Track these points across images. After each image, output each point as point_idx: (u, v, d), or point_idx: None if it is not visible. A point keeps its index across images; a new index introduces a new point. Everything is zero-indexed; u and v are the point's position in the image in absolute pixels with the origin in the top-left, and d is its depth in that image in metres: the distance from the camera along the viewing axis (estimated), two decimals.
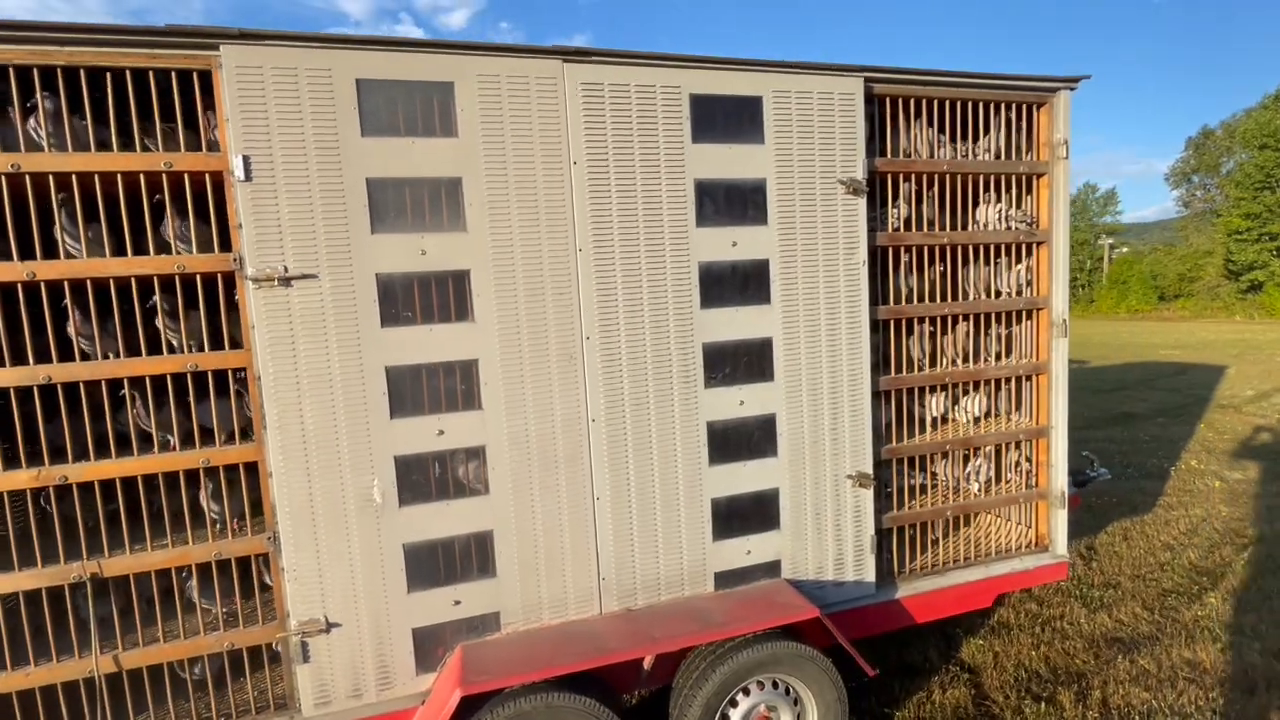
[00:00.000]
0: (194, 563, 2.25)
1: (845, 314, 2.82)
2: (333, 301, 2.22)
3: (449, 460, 2.39)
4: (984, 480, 3.34)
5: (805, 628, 2.64)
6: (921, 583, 3.10)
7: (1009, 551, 3.31)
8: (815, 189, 2.72)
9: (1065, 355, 3.23)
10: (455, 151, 2.29)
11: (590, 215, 2.44)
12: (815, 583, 2.89)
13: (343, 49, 2.16)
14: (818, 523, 2.87)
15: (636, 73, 2.45)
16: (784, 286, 2.72)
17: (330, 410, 2.24)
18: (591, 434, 2.52)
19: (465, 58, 2.28)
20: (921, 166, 2.96)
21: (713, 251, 2.61)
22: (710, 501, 2.70)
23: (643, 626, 2.50)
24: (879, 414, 3.11)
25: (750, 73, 2.59)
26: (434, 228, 2.30)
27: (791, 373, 2.76)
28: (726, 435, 2.70)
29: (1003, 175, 3.14)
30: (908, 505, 3.13)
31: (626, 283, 2.50)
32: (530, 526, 2.48)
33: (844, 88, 2.73)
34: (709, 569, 2.73)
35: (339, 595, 2.30)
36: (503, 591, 2.48)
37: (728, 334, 2.66)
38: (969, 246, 3.12)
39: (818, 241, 2.75)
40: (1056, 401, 3.26)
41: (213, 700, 2.32)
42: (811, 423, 2.81)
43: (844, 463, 2.88)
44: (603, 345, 2.50)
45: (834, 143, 2.73)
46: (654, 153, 2.49)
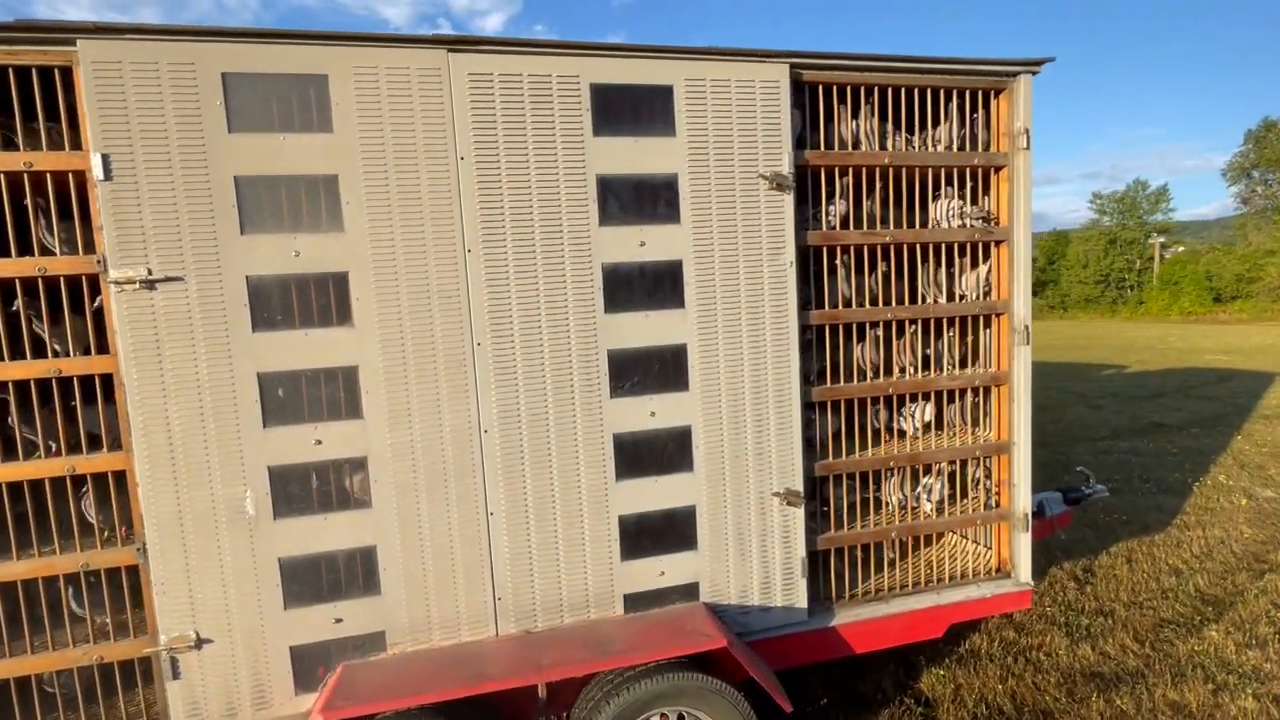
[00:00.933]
0: (61, 574, 2.19)
1: (770, 319, 2.61)
2: (200, 305, 2.13)
3: (328, 471, 2.28)
4: (937, 499, 3.08)
5: (720, 657, 2.45)
6: (863, 610, 2.87)
7: (965, 577, 3.05)
8: (735, 184, 2.53)
9: (1028, 364, 2.95)
10: (330, 148, 2.18)
11: (480, 214, 2.30)
12: (739, 608, 2.69)
13: (207, 42, 2.07)
14: (740, 543, 2.67)
15: (529, 62, 2.30)
16: (700, 289, 2.53)
17: (199, 418, 2.15)
18: (484, 445, 2.38)
19: (340, 49, 2.16)
20: (859, 159, 2.73)
21: (619, 252, 2.44)
22: (618, 519, 2.53)
23: (535, 651, 2.35)
24: (825, 426, 2.90)
25: (659, 60, 2.42)
26: (308, 228, 2.19)
27: (709, 382, 2.57)
28: (636, 448, 2.53)
29: (955, 168, 2.89)
30: (847, 525, 2.90)
31: (521, 285, 2.36)
32: (417, 542, 2.35)
33: (766, 75, 2.53)
34: (617, 591, 2.56)
35: (211, 610, 2.21)
36: (388, 610, 2.35)
37: (637, 340, 2.49)
38: (917, 246, 2.87)
39: (738, 241, 2.55)
40: (1018, 415, 2.98)
41: (82, 715, 2.26)
42: (732, 436, 2.61)
43: (770, 479, 2.67)
44: (495, 352, 2.35)
45: (756, 134, 2.53)
46: (550, 147, 2.34)
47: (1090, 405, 10.98)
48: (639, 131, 2.43)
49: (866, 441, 2.95)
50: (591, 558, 2.51)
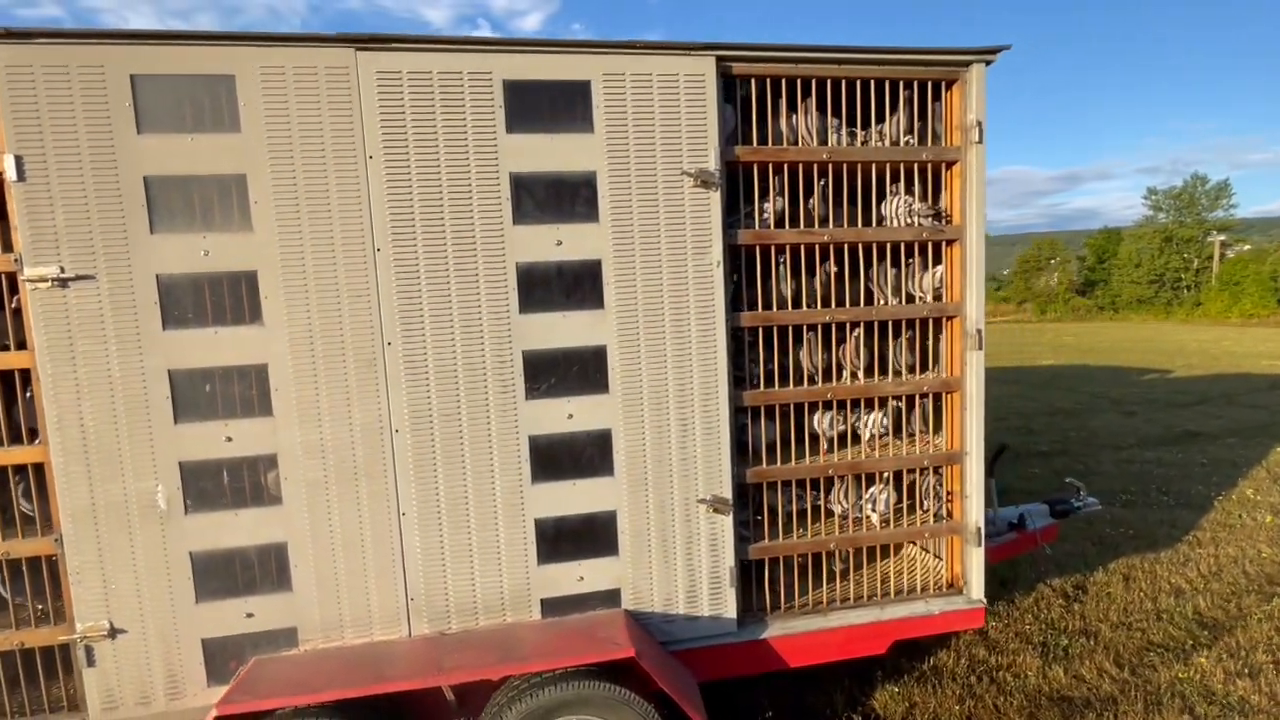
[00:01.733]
0: None
1: (695, 320, 2.54)
2: (111, 303, 2.17)
3: (239, 468, 2.31)
4: (883, 509, 2.95)
5: (634, 667, 2.39)
6: (798, 622, 2.77)
7: (913, 592, 2.91)
8: (657, 182, 2.46)
9: (980, 370, 2.79)
10: (238, 148, 2.20)
11: (389, 213, 2.29)
12: (664, 616, 2.63)
13: (115, 44, 2.11)
14: (664, 550, 2.60)
15: (439, 59, 2.28)
16: (620, 290, 2.47)
17: (111, 413, 2.20)
18: (395, 445, 2.37)
19: (247, 49, 2.18)
20: (795, 155, 2.63)
21: (534, 251, 2.40)
22: (534, 522, 2.49)
23: (442, 653, 2.34)
24: (761, 432, 2.80)
25: (575, 55, 2.37)
26: (218, 227, 2.22)
27: (631, 385, 2.51)
28: (553, 451, 2.49)
29: (903, 164, 2.75)
30: (782, 535, 2.80)
31: (432, 285, 2.34)
32: (328, 540, 2.36)
33: (691, 68, 2.45)
34: (534, 595, 2.52)
35: (124, 601, 2.27)
36: (299, 606, 2.37)
37: (553, 341, 2.44)
38: (860, 246, 2.74)
39: (660, 240, 2.48)
40: (970, 423, 2.83)
41: (5, 697, 2.34)
42: (655, 440, 2.55)
43: (695, 485, 2.60)
44: (405, 351, 2.34)
45: (680, 130, 2.46)
46: (462, 145, 2.31)
47: (1123, 411, 10.45)
48: (555, 128, 2.38)
49: (810, 449, 2.85)
50: (507, 561, 2.49)
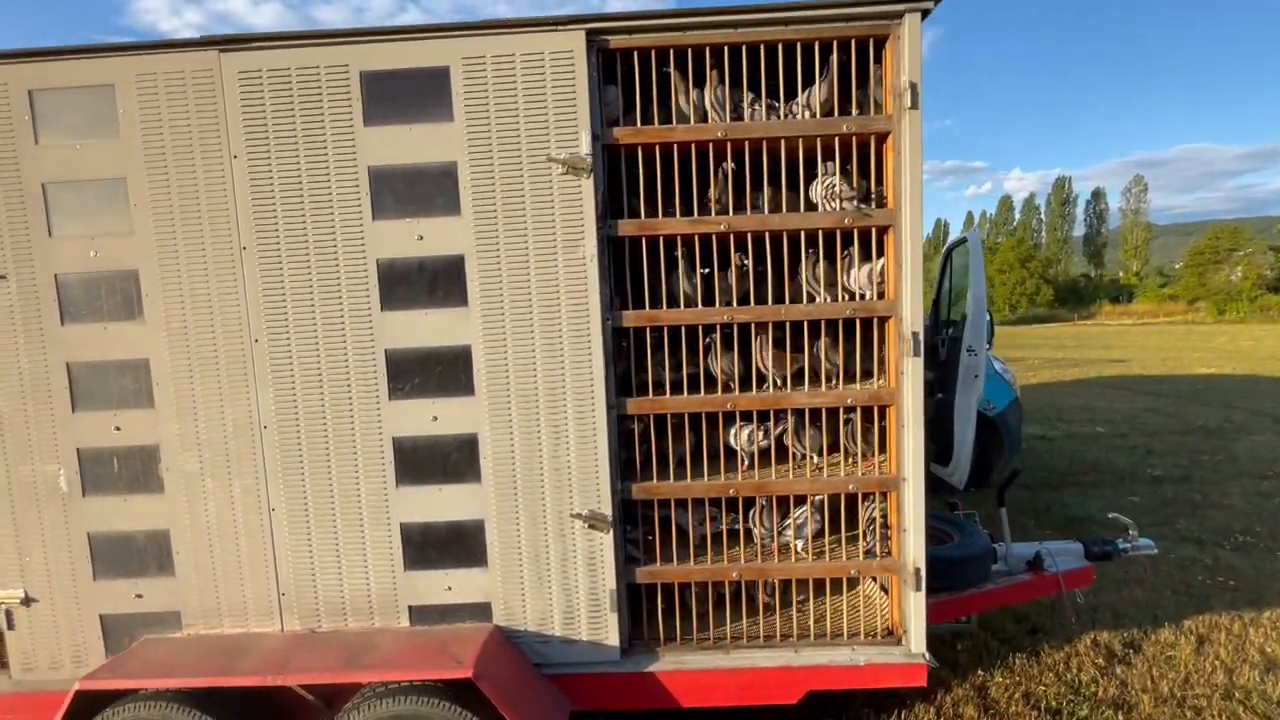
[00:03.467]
0: None
1: (567, 320, 2.34)
2: (19, 300, 2.38)
3: (128, 456, 2.44)
4: (810, 536, 2.57)
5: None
6: (693, 658, 2.48)
7: (839, 636, 2.51)
8: (523, 170, 2.29)
9: (919, 381, 2.34)
10: (118, 153, 2.32)
11: (253, 211, 2.31)
12: (539, 636, 2.46)
13: (15, 64, 2.29)
14: (537, 567, 2.43)
15: (296, 55, 2.26)
16: (484, 286, 2.33)
17: (20, 401, 2.41)
18: (264, 441, 2.40)
19: (123, 59, 2.28)
20: (684, 135, 2.34)
21: (395, 247, 2.33)
22: (400, 526, 2.42)
23: (296, 652, 2.33)
24: (650, 443, 2.55)
25: (433, 41, 2.26)
26: (103, 229, 2.35)
27: (497, 387, 2.36)
28: (417, 454, 2.40)
29: (819, 138, 2.36)
30: (677, 559, 2.52)
31: (294, 282, 2.34)
32: (204, 530, 2.44)
33: (558, 45, 2.25)
34: (401, 601, 2.45)
35: (36, 573, 2.48)
36: (182, 591, 2.47)
37: (416, 340, 2.36)
38: (767, 235, 2.39)
39: (528, 233, 2.31)
40: (908, 444, 2.38)
41: None
42: (525, 448, 2.38)
43: (569, 498, 2.40)
44: (271, 349, 2.36)
45: (546, 113, 2.27)
46: (320, 140, 2.29)
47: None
48: (413, 119, 2.28)
49: (719, 464, 2.54)
50: (373, 564, 2.44)
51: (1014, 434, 6.66)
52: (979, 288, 5.29)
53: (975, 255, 5.27)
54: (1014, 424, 6.67)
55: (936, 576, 3.09)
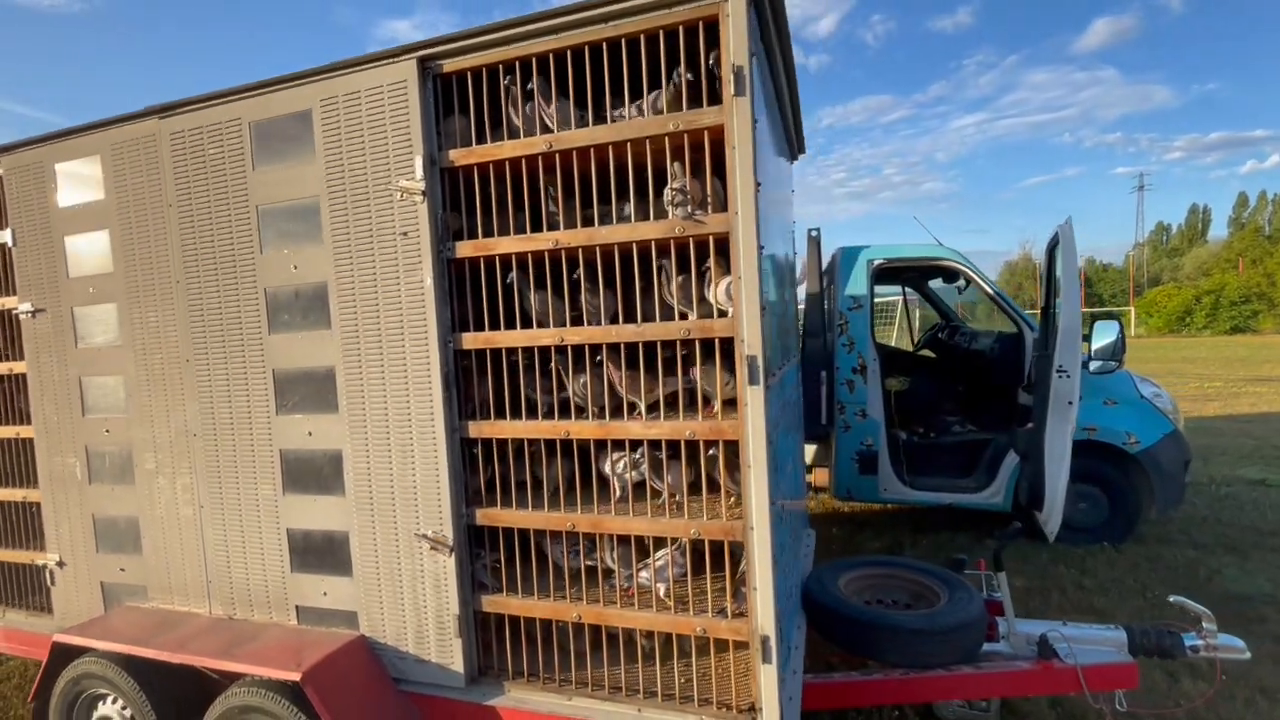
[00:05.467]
0: None
1: (410, 343, 2.38)
2: (54, 329, 3.04)
3: (113, 453, 2.98)
4: (672, 580, 2.29)
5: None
6: (535, 698, 2.35)
7: (689, 701, 2.19)
8: (369, 199, 2.40)
9: (762, 413, 1.97)
10: (106, 209, 2.86)
11: (182, 252, 2.71)
12: (396, 651, 2.51)
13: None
14: (392, 582, 2.49)
15: (211, 114, 2.61)
16: (343, 311, 2.47)
17: (55, 407, 3.07)
18: (193, 447, 2.78)
19: (97, 135, 2.83)
20: (511, 151, 2.25)
21: (276, 277, 2.57)
22: (287, 531, 2.64)
23: (199, 635, 2.65)
24: (494, 468, 2.48)
25: (298, 87, 2.46)
26: (100, 271, 2.92)
27: (355, 406, 2.48)
28: (299, 465, 2.61)
29: (648, 140, 2.12)
30: (522, 592, 2.40)
31: (210, 310, 2.69)
32: (158, 519, 2.89)
33: (392, 77, 2.32)
34: (290, 600, 2.67)
35: (65, 543, 3.13)
36: (147, 569, 2.95)
37: (295, 361, 2.57)
38: (596, 250, 2.20)
39: (375, 259, 2.41)
40: (753, 485, 2.02)
41: (20, 592, 3.42)
42: (379, 466, 2.47)
43: (416, 518, 2.43)
44: (196, 368, 2.74)
45: (387, 144, 2.35)
46: (223, 186, 2.61)
47: None
48: (287, 160, 2.51)
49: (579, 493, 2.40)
50: (267, 563, 2.69)
51: (1169, 475, 5.25)
52: (1072, 293, 4.32)
53: (1067, 253, 4.32)
54: (1169, 463, 5.26)
55: (891, 648, 2.59)
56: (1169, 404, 5.50)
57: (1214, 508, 6.29)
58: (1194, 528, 5.76)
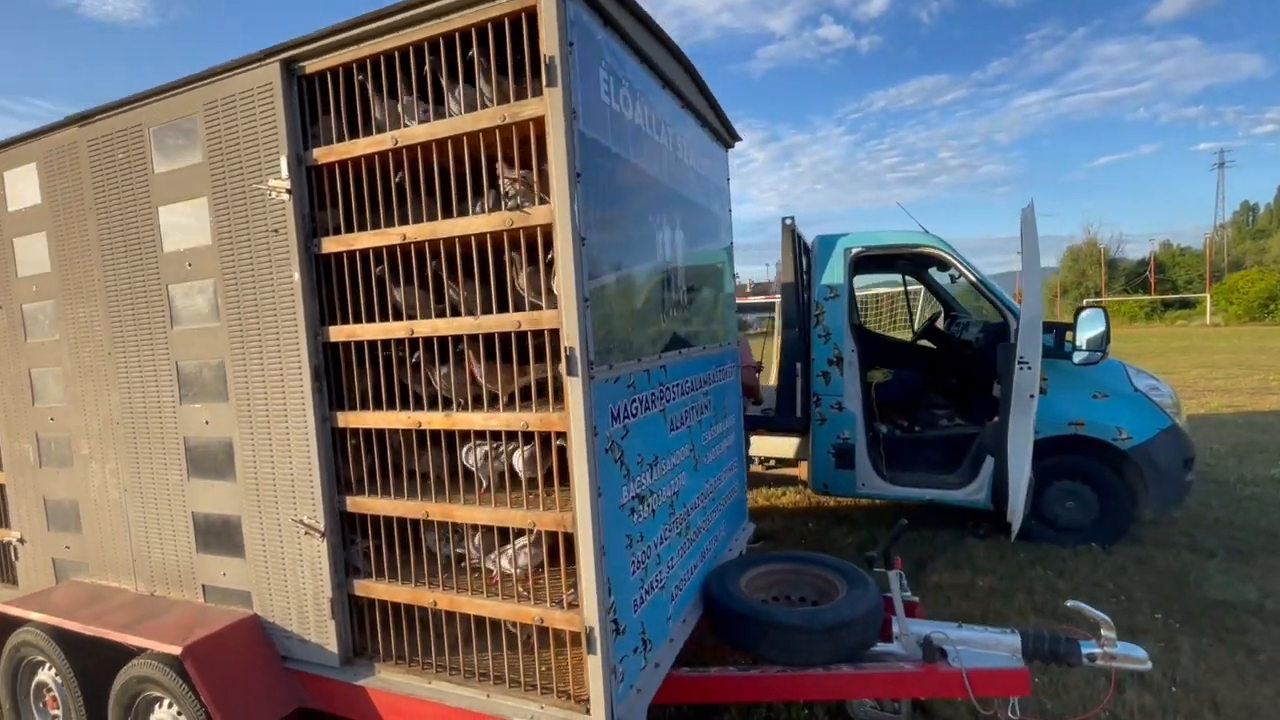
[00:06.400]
0: None
1: (283, 335, 2.48)
2: (9, 329, 3.29)
3: (58, 439, 3.21)
4: (529, 569, 2.32)
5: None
6: (399, 680, 2.42)
7: (532, 690, 2.22)
8: (246, 198, 2.50)
9: (585, 407, 1.97)
10: (41, 213, 3.08)
11: (100, 250, 2.89)
12: (284, 630, 2.63)
13: None
14: (279, 565, 2.60)
15: (116, 121, 2.77)
16: (227, 306, 2.59)
17: (13, 396, 3.33)
18: (116, 434, 2.97)
19: (4, 153, 3.03)
20: (364, 148, 2.30)
21: (175, 274, 2.71)
22: (192, 514, 2.80)
23: (115, 609, 2.84)
24: (362, 458, 2.55)
25: (186, 93, 2.58)
26: (41, 272, 3.14)
27: (240, 397, 2.60)
28: (199, 452, 2.75)
29: (481, 134, 2.13)
30: (389, 577, 2.46)
31: (125, 306, 2.86)
32: (93, 501, 3.10)
33: (259, 81, 2.41)
34: (197, 580, 2.83)
35: (25, 521, 3.40)
36: (87, 548, 3.17)
37: (193, 353, 2.71)
38: (441, 244, 2.23)
39: (253, 255, 2.51)
40: (579, 479, 2.02)
41: None
42: (262, 453, 2.58)
43: (294, 504, 2.53)
44: (114, 361, 2.92)
45: (258, 145, 2.44)
46: (130, 189, 2.77)
47: None
48: (180, 162, 2.64)
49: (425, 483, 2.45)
50: (179, 544, 2.85)
51: (1165, 474, 4.93)
52: (1032, 281, 4.11)
53: (1026, 238, 4.11)
54: (1165, 460, 4.95)
55: (769, 644, 2.57)
56: (1168, 397, 5.14)
57: (1230, 509, 5.85)
58: (1200, 529, 5.38)
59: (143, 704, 2.68)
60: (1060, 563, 4.82)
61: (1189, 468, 5.04)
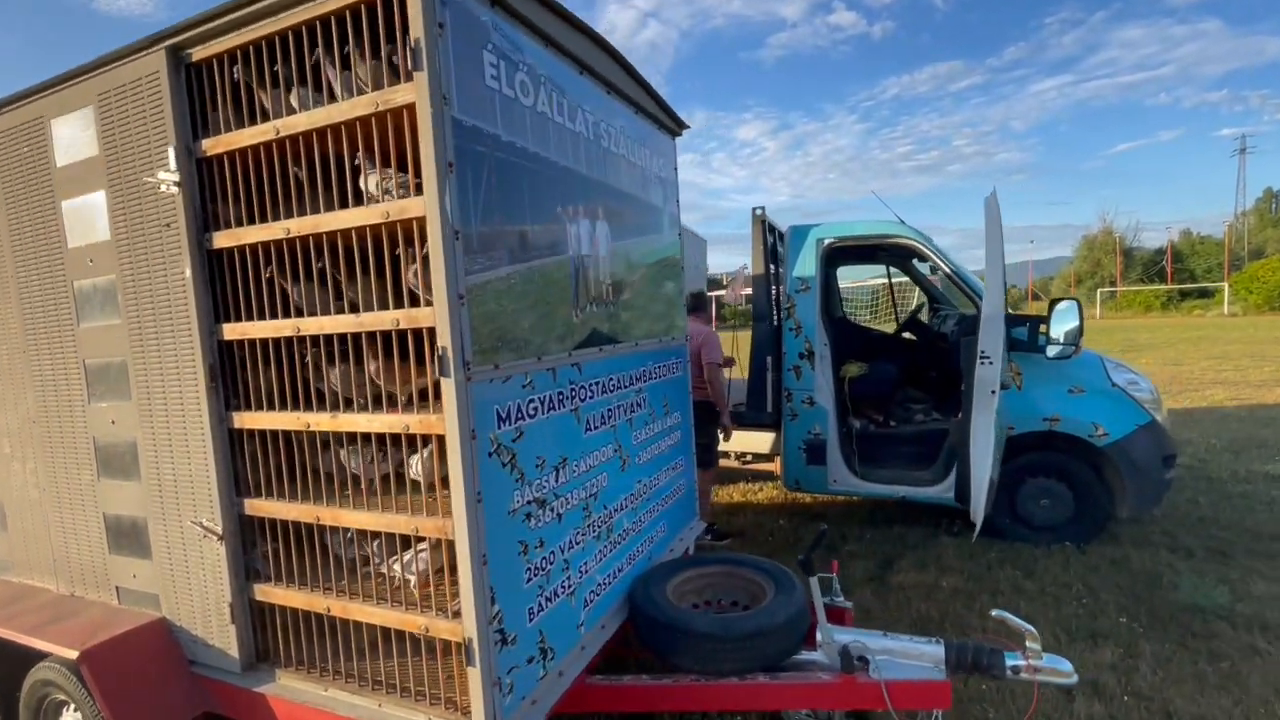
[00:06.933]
0: None
1: (178, 334, 2.41)
2: None
3: None
4: (426, 575, 2.24)
5: None
6: (298, 686, 2.36)
7: (420, 697, 2.14)
8: (139, 193, 2.42)
9: (459, 410, 1.88)
10: None
11: (11, 245, 2.83)
12: (190, 634, 2.58)
13: None
14: (184, 568, 2.55)
15: (20, 114, 2.70)
16: (127, 303, 2.52)
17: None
18: (33, 434, 2.93)
19: None
20: (250, 138, 2.21)
21: (80, 271, 2.64)
22: (104, 515, 2.75)
23: (30, 610, 2.81)
24: (263, 460, 2.48)
25: (81, 84, 2.51)
26: None
27: (141, 396, 2.54)
28: (108, 452, 2.70)
29: (356, 123, 2.03)
30: (288, 582, 2.40)
31: (35, 303, 2.80)
32: (15, 500, 3.06)
33: (147, 69, 2.33)
34: (111, 581, 2.78)
35: None
36: (11, 546, 3.14)
37: (100, 353, 2.65)
38: (325, 238, 2.14)
39: (148, 251, 2.44)
40: (456, 492, 1.93)
41: None
42: (164, 455, 2.52)
43: (194, 507, 2.47)
44: (29, 359, 2.87)
45: (149, 136, 2.36)
46: (35, 183, 2.70)
47: None
48: (79, 155, 2.56)
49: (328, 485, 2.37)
50: (92, 544, 2.80)
51: (1142, 471, 4.77)
52: (996, 274, 3.97)
53: (990, 230, 3.96)
54: (1142, 458, 4.78)
55: (684, 652, 2.48)
56: (1147, 392, 4.96)
57: (1218, 506, 5.66)
58: (1183, 528, 5.20)
59: (50, 706, 2.64)
60: (1031, 562, 4.67)
61: (1169, 465, 4.86)
